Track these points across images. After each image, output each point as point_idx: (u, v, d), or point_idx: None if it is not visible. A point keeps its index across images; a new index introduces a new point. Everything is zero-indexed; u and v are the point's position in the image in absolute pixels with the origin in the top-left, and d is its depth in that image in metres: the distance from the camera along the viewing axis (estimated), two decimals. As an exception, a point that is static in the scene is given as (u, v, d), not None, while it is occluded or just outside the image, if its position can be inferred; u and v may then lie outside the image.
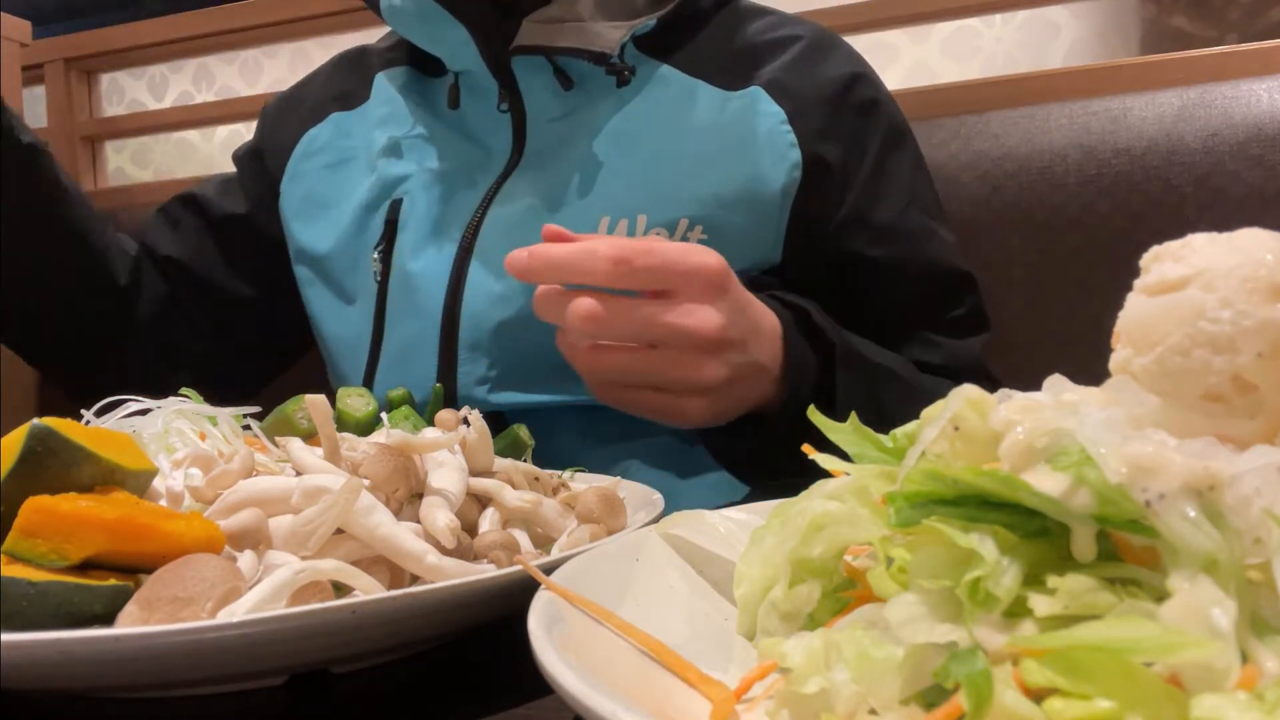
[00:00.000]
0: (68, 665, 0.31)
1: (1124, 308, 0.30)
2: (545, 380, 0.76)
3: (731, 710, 0.28)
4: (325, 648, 0.35)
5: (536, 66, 0.80)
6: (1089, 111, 0.99)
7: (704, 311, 0.58)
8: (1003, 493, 0.25)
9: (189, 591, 0.33)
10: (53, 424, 0.37)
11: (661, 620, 0.33)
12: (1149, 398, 0.28)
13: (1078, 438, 0.25)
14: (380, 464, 0.42)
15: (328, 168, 0.89)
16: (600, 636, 0.30)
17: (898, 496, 0.26)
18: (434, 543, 0.40)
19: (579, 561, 0.35)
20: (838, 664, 0.25)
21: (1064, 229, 0.97)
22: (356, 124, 0.90)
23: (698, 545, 0.38)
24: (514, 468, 0.50)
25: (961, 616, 0.24)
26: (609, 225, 0.76)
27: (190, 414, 0.49)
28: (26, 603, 0.33)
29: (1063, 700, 0.21)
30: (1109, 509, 0.23)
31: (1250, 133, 0.92)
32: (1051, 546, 0.25)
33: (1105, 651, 0.21)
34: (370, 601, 0.33)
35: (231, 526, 0.38)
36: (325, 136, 0.91)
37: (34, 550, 0.34)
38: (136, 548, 0.36)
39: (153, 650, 0.31)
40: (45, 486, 0.36)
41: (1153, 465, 0.23)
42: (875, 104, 0.83)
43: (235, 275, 0.94)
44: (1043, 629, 0.23)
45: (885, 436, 0.32)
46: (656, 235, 0.76)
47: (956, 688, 0.23)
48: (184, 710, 0.37)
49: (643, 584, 0.36)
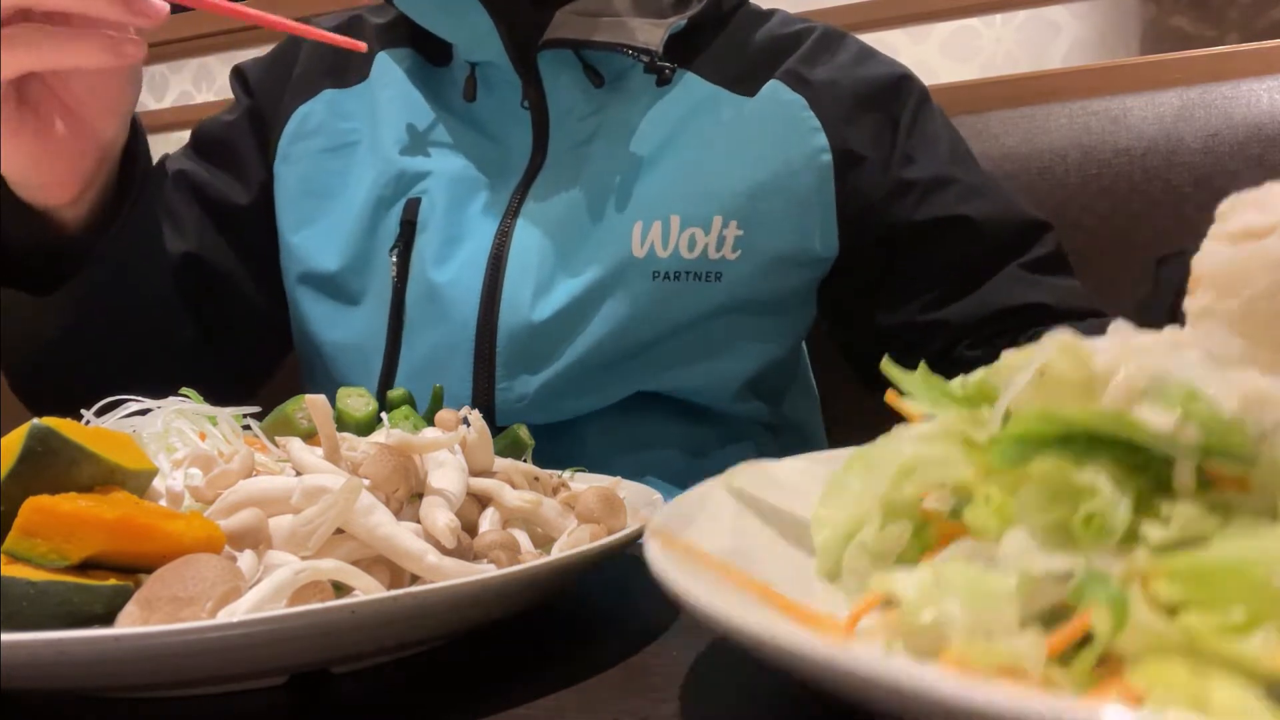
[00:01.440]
0: (68, 665, 0.31)
1: (1201, 254, 0.31)
2: (584, 392, 0.75)
3: (848, 641, 0.28)
4: (325, 648, 0.35)
5: (563, 61, 0.77)
6: (1089, 111, 0.99)
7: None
8: (1114, 430, 0.26)
9: (189, 591, 0.33)
10: (53, 424, 0.37)
11: (744, 567, 0.33)
12: (1234, 340, 0.30)
13: (1182, 376, 0.26)
14: (380, 464, 0.42)
15: (326, 153, 0.82)
16: (704, 581, 0.30)
17: (1004, 437, 0.28)
18: (434, 543, 0.40)
19: (656, 514, 0.35)
20: (949, 595, 0.26)
21: (1064, 229, 0.97)
22: (355, 105, 0.83)
23: (759, 498, 0.38)
24: (514, 468, 0.50)
25: (1073, 547, 0.26)
26: (643, 228, 0.74)
27: (190, 414, 0.49)
28: (26, 603, 0.33)
29: (1196, 614, 0.23)
30: (1216, 441, 0.25)
31: (1250, 133, 0.92)
32: (1152, 479, 0.26)
33: (1232, 568, 0.23)
34: (370, 601, 0.33)
35: (231, 526, 0.38)
36: (320, 116, 0.84)
37: (34, 550, 0.34)
38: (136, 548, 0.36)
39: (153, 650, 0.31)
40: (45, 486, 0.36)
41: (1264, 398, 0.25)
42: (901, 78, 0.82)
43: (244, 266, 0.84)
44: (1156, 555, 0.25)
45: (953, 384, 0.33)
46: (691, 234, 0.75)
47: (1073, 611, 0.24)
48: (184, 710, 0.37)
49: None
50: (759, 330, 0.79)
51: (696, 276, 0.75)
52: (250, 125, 0.86)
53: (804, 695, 0.35)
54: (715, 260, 0.75)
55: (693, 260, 0.75)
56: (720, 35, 0.82)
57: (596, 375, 0.74)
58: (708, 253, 0.75)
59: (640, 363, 0.76)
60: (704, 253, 0.75)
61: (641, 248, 0.74)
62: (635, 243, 0.74)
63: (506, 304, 0.74)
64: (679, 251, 0.75)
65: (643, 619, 0.45)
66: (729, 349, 0.78)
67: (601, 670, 0.38)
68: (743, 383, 0.80)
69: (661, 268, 0.75)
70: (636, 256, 0.74)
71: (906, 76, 0.82)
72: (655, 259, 0.74)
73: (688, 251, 0.75)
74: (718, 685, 0.36)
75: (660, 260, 0.75)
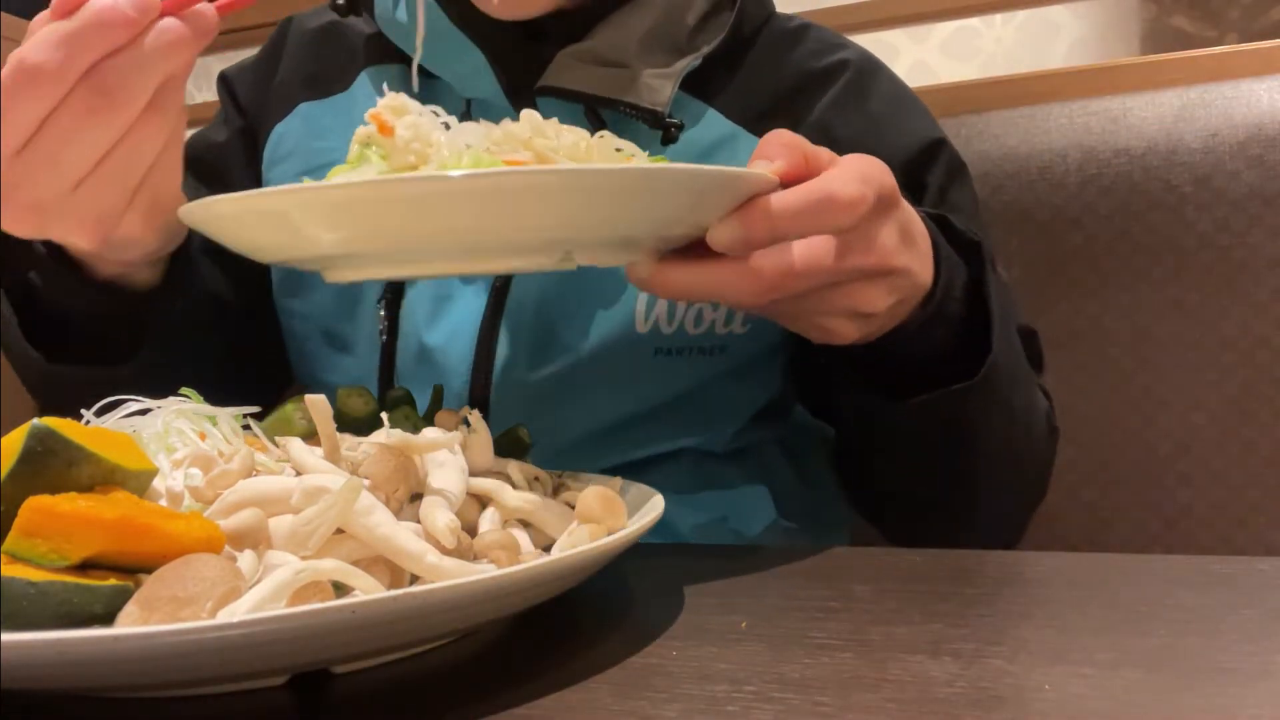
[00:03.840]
0: (68, 665, 0.31)
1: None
2: (578, 459, 0.69)
3: None
4: (325, 648, 0.35)
5: (564, 102, 0.70)
6: (1089, 111, 0.99)
7: (880, 242, 0.50)
8: None
9: (189, 591, 0.33)
10: (53, 424, 0.37)
11: None
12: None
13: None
14: (380, 464, 0.42)
15: (302, 178, 0.77)
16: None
17: None
18: (434, 543, 0.40)
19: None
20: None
21: (1064, 229, 0.97)
22: (332, 120, 0.76)
23: None
24: (514, 468, 0.50)
25: None
26: (647, 302, 0.68)
27: (190, 414, 0.49)
28: (26, 603, 0.33)
29: None
30: None
31: (1250, 133, 0.92)
32: None
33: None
34: (370, 601, 0.33)
35: (231, 526, 0.38)
36: (295, 135, 0.77)
37: (34, 550, 0.34)
38: (136, 548, 0.36)
39: (153, 650, 0.31)
40: (45, 486, 0.36)
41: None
42: (934, 143, 0.74)
43: (238, 296, 0.78)
44: None
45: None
46: (699, 309, 0.69)
47: None
48: (184, 710, 0.37)
49: None
50: (761, 380, 0.76)
51: (701, 351, 0.70)
52: (243, 146, 0.80)
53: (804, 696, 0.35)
54: (722, 335, 0.70)
55: (698, 336, 0.70)
56: (744, 63, 0.75)
57: (588, 442, 0.71)
58: (714, 328, 0.70)
59: (636, 428, 0.72)
60: (710, 328, 0.70)
61: (646, 323, 0.69)
62: (639, 318, 0.69)
63: (500, 370, 0.70)
64: (684, 328, 0.69)
65: (643, 619, 0.45)
66: (728, 405, 0.74)
67: (601, 670, 0.38)
68: (743, 425, 0.76)
69: (665, 345, 0.70)
70: (640, 332, 0.69)
71: (940, 141, 0.75)
72: (659, 335, 0.69)
73: (694, 327, 0.69)
74: (718, 685, 0.36)
75: (663, 337, 0.69)
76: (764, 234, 0.46)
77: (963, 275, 0.60)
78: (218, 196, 0.46)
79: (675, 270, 0.48)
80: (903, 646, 0.39)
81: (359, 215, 0.43)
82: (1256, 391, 0.91)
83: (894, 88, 0.78)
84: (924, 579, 0.48)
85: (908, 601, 0.45)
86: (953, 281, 0.58)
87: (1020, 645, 0.39)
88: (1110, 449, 0.96)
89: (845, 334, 0.53)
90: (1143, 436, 0.95)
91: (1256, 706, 0.33)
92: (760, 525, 0.74)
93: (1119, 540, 0.95)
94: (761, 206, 0.46)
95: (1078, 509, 0.96)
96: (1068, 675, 0.36)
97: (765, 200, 0.46)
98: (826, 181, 0.47)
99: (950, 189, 0.74)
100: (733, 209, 0.46)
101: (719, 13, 0.74)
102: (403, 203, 0.42)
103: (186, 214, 0.48)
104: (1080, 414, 0.95)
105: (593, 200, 0.43)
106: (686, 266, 0.48)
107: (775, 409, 0.78)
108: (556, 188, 0.42)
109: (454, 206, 0.42)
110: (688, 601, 0.46)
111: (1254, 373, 0.92)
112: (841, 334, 0.53)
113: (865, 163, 0.50)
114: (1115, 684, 0.35)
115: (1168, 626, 0.40)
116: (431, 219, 0.43)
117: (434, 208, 0.42)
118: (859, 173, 0.48)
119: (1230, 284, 0.92)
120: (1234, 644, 0.38)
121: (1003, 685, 0.35)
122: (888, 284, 0.52)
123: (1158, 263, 0.94)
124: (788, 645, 0.40)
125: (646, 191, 0.44)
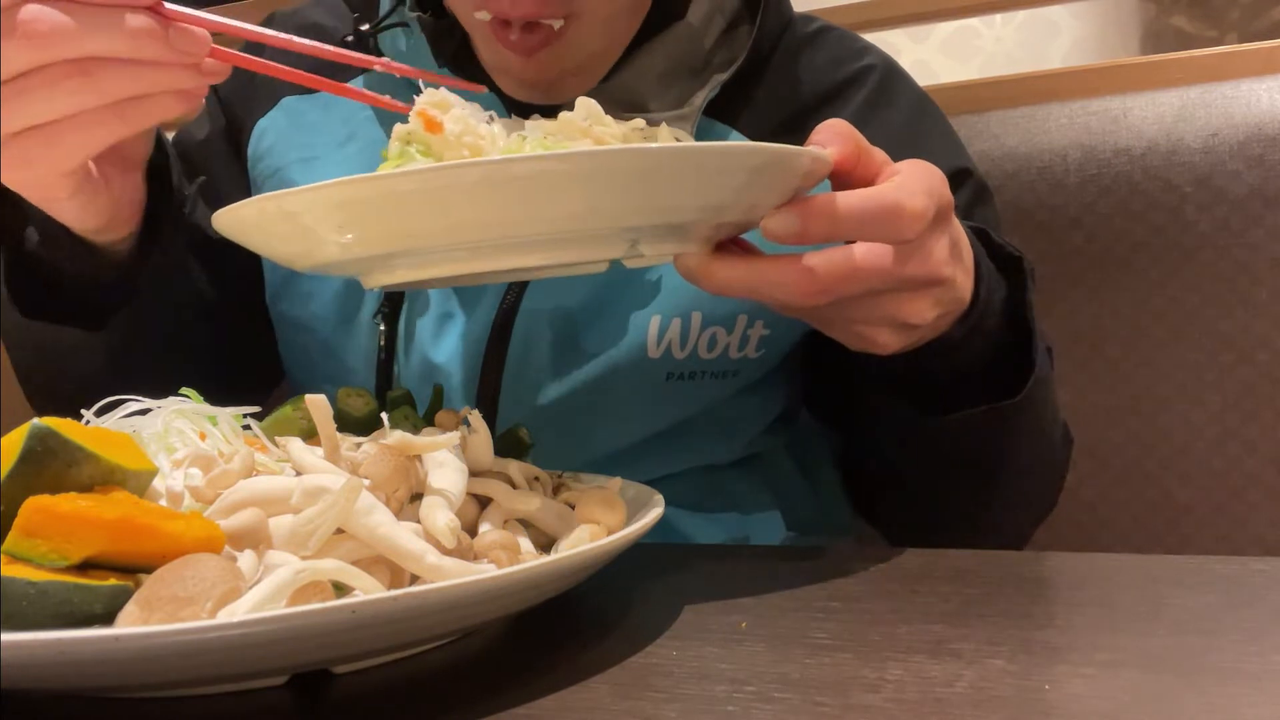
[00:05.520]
0: (68, 665, 0.31)
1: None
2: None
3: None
4: (325, 648, 0.35)
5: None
6: (1089, 111, 0.98)
7: (934, 254, 0.49)
8: None
9: (189, 591, 0.33)
10: (53, 424, 0.37)
11: None
12: None
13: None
14: (380, 464, 0.42)
15: (282, 174, 0.72)
16: None
17: None
18: (434, 543, 0.40)
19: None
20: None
21: (1064, 229, 0.97)
22: (317, 115, 0.73)
23: None
24: (514, 468, 0.50)
25: None
26: (660, 325, 0.66)
27: (190, 414, 0.49)
28: (26, 603, 0.33)
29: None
30: None
31: (1250, 133, 0.92)
32: None
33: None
34: (370, 601, 0.33)
35: (231, 526, 0.38)
36: (278, 129, 0.74)
37: (34, 550, 0.34)
38: (136, 548, 0.36)
39: (153, 650, 0.31)
40: (45, 486, 0.36)
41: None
42: (959, 171, 0.72)
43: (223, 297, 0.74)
44: None
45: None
46: (713, 333, 0.67)
47: None
48: (184, 710, 0.37)
49: None
50: (772, 394, 0.75)
51: (713, 375, 0.69)
52: (226, 146, 0.77)
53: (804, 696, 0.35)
54: (735, 360, 0.69)
55: (711, 360, 0.68)
56: (764, 79, 0.73)
57: (596, 468, 0.68)
58: (728, 352, 0.68)
59: (646, 453, 0.71)
60: (724, 352, 0.68)
61: (658, 348, 0.67)
62: (651, 342, 0.67)
63: (507, 390, 0.69)
64: (697, 352, 0.68)
65: (643, 619, 0.45)
66: (739, 422, 0.73)
67: (602, 670, 0.38)
68: (754, 436, 0.75)
69: (677, 369, 0.68)
70: (651, 358, 0.67)
71: (966, 170, 0.74)
72: (671, 360, 0.68)
73: (706, 352, 0.68)
74: (718, 685, 0.36)
75: (676, 362, 0.68)
76: (822, 230, 0.45)
77: (1001, 290, 0.59)
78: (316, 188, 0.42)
79: (724, 264, 0.47)
80: (903, 646, 0.39)
81: (423, 208, 0.41)
82: (1256, 391, 0.91)
83: (913, 101, 0.77)
84: (924, 579, 0.48)
85: (908, 602, 0.45)
86: (992, 296, 0.57)
87: (1020, 645, 0.39)
88: (1110, 449, 0.96)
89: (887, 344, 0.52)
90: (1143, 436, 0.95)
91: (1257, 706, 0.33)
92: (774, 542, 0.74)
93: (1119, 540, 0.95)
94: (824, 203, 0.45)
95: (1078, 509, 0.96)
96: (1068, 675, 0.36)
97: (829, 198, 0.45)
98: (895, 190, 0.46)
99: (975, 210, 0.73)
100: (789, 201, 0.46)
101: (737, 26, 0.72)
102: (479, 188, 0.40)
103: (217, 221, 0.47)
104: (1080, 414, 0.95)
105: (659, 180, 0.42)
106: (736, 261, 0.47)
107: (783, 417, 0.78)
108: (628, 168, 0.41)
109: (527, 192, 0.41)
110: (688, 602, 0.46)
111: (1254, 373, 0.92)
112: (883, 343, 0.52)
113: (929, 175, 0.49)
114: (1115, 684, 0.35)
115: (1168, 626, 0.40)
116: (503, 206, 0.41)
117: (507, 194, 0.40)
118: (925, 185, 0.47)
119: (1230, 284, 0.92)
120: (1234, 644, 0.38)
121: (1003, 685, 0.35)
122: (935, 295, 0.51)
123: (1158, 263, 0.94)
124: (788, 645, 0.40)
125: (709, 170, 0.43)
